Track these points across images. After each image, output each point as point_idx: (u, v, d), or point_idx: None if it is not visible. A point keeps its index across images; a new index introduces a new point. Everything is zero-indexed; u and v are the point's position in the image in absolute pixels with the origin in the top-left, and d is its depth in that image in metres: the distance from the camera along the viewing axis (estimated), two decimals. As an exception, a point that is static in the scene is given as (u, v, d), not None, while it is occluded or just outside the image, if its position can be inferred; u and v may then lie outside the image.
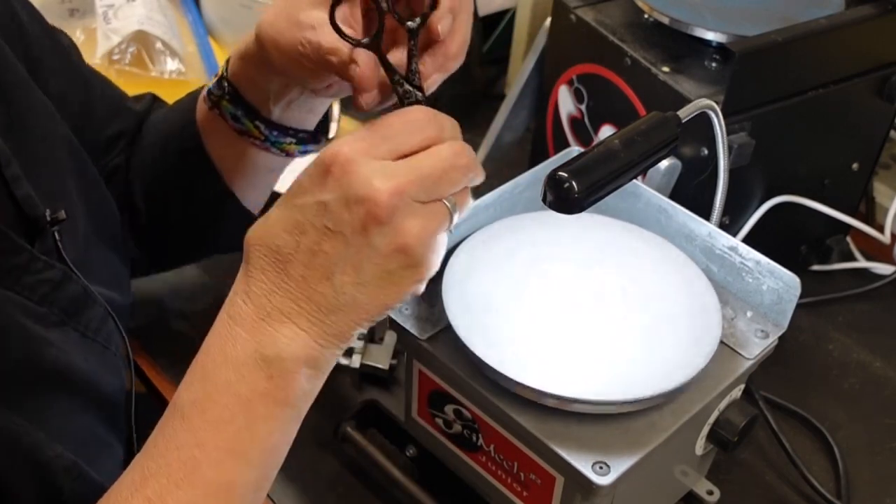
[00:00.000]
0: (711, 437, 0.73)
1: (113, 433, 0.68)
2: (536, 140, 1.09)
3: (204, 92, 0.76)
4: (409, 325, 0.70)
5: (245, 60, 0.72)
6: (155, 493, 0.54)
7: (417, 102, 0.60)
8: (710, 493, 0.79)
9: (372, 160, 0.54)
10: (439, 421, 0.74)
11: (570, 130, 1.02)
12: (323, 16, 0.60)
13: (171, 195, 0.83)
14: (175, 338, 0.95)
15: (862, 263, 1.07)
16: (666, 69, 0.88)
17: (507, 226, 0.76)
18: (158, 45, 1.21)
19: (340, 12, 0.60)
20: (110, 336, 0.68)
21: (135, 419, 0.72)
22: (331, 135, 0.80)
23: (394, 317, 0.71)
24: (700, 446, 0.74)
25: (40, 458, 0.58)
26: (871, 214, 1.11)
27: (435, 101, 0.62)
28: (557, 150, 1.04)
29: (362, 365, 0.88)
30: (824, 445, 0.88)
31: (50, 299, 0.63)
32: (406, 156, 0.55)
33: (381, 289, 0.55)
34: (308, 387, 0.57)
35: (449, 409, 0.72)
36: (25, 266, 0.61)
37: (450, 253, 0.73)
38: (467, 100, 1.27)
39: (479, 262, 0.72)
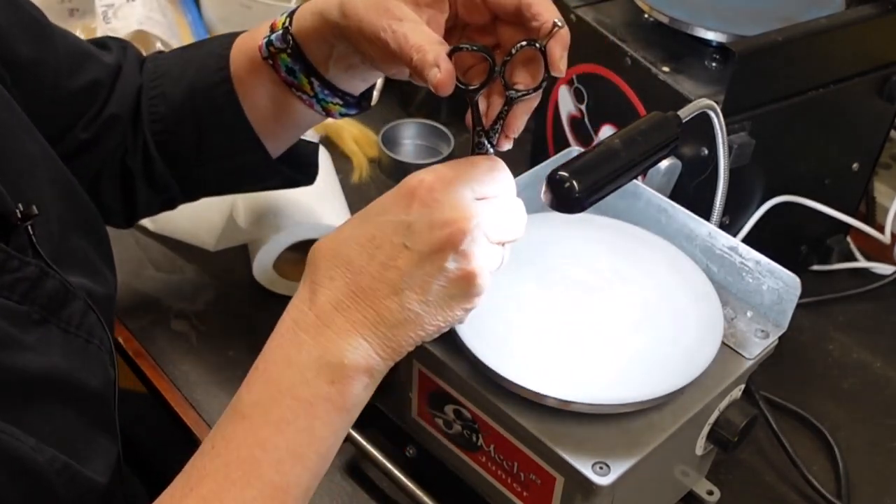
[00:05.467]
0: (711, 437, 0.73)
1: (102, 429, 0.67)
2: (536, 140, 1.09)
3: (260, 43, 0.77)
4: (409, 325, 0.70)
5: (319, 20, 0.73)
6: (211, 491, 0.55)
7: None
8: (710, 493, 0.79)
9: (457, 190, 0.59)
10: (439, 421, 0.74)
11: (570, 130, 1.02)
12: (410, 12, 0.64)
13: (193, 146, 0.82)
14: (175, 338, 0.95)
15: (862, 263, 1.07)
16: (666, 69, 0.88)
17: (507, 226, 0.76)
18: (158, 44, 1.21)
19: (425, 15, 0.65)
20: (92, 329, 0.68)
21: (131, 416, 0.72)
22: (373, 102, 0.83)
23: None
24: (700, 446, 0.74)
25: (31, 464, 0.58)
26: (871, 214, 1.11)
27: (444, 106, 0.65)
28: (557, 150, 1.04)
29: (362, 365, 0.88)
30: (824, 445, 0.88)
31: (30, 298, 0.62)
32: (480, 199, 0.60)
33: (441, 310, 0.59)
34: (363, 395, 0.60)
35: (449, 409, 0.72)
36: (1, 265, 0.61)
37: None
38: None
39: (479, 262, 0.72)
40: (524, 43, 0.62)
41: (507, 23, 0.66)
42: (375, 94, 0.83)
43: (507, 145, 0.65)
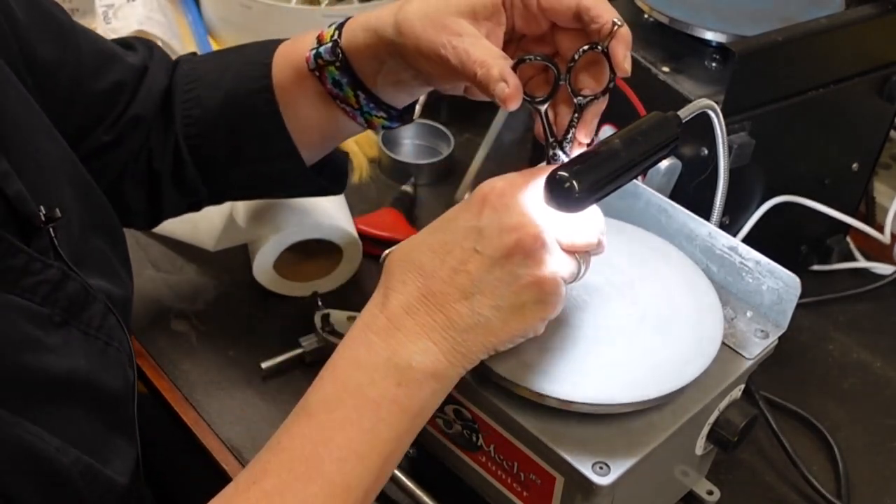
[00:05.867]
0: (711, 437, 0.73)
1: (122, 431, 0.68)
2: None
3: (308, 55, 0.77)
4: (409, 325, 0.70)
5: (372, 37, 0.73)
6: (274, 486, 0.56)
7: None
8: (710, 493, 0.79)
9: (528, 197, 0.59)
10: (439, 421, 0.74)
11: (570, 130, 1.02)
12: (469, 27, 0.65)
13: (228, 151, 0.82)
14: (175, 338, 0.95)
15: (862, 263, 1.07)
16: (666, 69, 0.88)
17: (507, 226, 0.76)
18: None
19: (484, 29, 0.65)
20: (112, 332, 0.68)
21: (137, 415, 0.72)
22: (415, 116, 0.83)
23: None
24: (700, 446, 0.74)
25: (56, 465, 0.58)
26: (871, 214, 1.11)
27: (444, 106, 0.66)
28: (557, 150, 1.04)
29: (362, 365, 0.88)
30: (824, 445, 0.88)
31: (51, 300, 0.63)
32: None
33: (513, 317, 0.59)
34: (431, 401, 0.60)
35: (449, 409, 0.72)
36: (24, 268, 0.61)
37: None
38: (467, 100, 1.26)
39: (479, 262, 0.72)
40: (586, 47, 0.62)
41: (564, 29, 0.66)
42: (418, 108, 0.83)
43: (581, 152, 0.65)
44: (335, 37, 0.75)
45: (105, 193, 0.77)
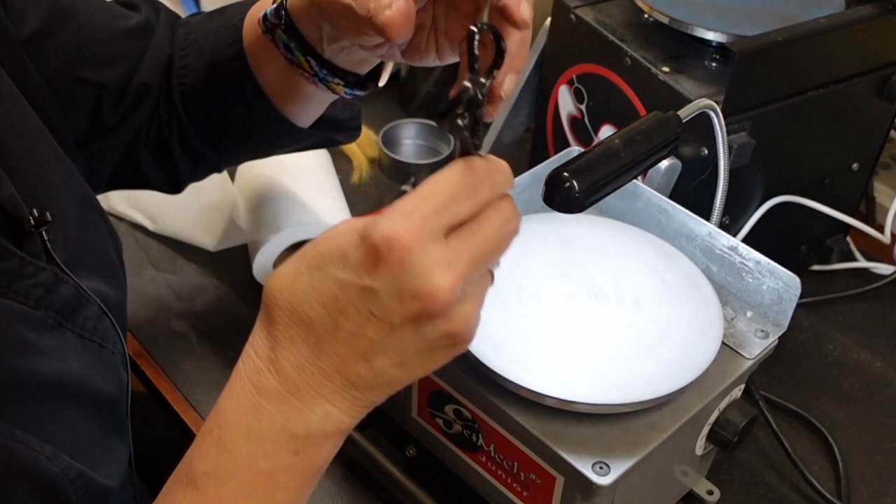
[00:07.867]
0: (711, 437, 0.73)
1: (115, 433, 0.68)
2: (536, 140, 1.09)
3: (259, 16, 0.74)
4: (409, 325, 0.70)
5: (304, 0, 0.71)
6: None
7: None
8: (710, 493, 0.79)
9: (428, 246, 0.48)
10: (439, 421, 0.74)
11: (570, 130, 1.02)
12: None
13: (220, 118, 0.81)
14: (175, 338, 0.95)
15: (862, 263, 1.07)
16: (666, 69, 0.88)
17: (507, 226, 0.76)
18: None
19: None
20: (106, 334, 0.68)
21: (132, 417, 0.72)
22: (381, 83, 0.78)
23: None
24: (700, 446, 0.74)
25: (47, 474, 0.58)
26: (871, 214, 1.11)
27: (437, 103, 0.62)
28: (557, 150, 1.04)
29: (362, 365, 0.88)
30: (824, 445, 0.88)
31: (45, 303, 0.62)
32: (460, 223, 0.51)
33: (421, 366, 0.53)
34: (332, 454, 0.56)
35: (449, 409, 0.72)
36: (16, 271, 0.61)
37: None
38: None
39: (479, 262, 0.72)
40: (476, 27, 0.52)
41: None
42: (385, 75, 0.79)
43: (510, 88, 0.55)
44: None
45: (122, 163, 0.77)
